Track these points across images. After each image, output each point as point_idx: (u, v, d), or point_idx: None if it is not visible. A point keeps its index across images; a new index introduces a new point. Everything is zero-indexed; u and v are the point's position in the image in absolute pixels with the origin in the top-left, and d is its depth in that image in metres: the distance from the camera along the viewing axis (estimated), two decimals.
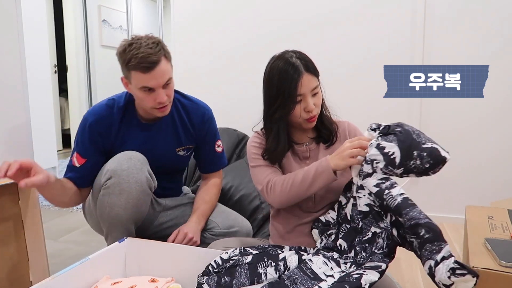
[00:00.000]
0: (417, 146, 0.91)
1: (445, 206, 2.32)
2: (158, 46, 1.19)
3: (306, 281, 0.89)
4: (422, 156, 0.90)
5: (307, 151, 1.19)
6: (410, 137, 0.92)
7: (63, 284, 0.95)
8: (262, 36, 2.51)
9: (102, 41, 4.16)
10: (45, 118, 3.07)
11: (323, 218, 1.12)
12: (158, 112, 1.26)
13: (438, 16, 2.23)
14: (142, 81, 1.19)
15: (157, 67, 1.18)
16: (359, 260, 0.94)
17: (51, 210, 2.64)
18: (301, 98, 1.10)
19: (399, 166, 0.92)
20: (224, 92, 2.61)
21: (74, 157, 1.30)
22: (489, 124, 2.21)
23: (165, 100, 1.23)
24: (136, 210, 1.21)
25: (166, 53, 1.23)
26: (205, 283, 0.96)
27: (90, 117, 1.31)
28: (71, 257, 1.83)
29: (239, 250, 1.04)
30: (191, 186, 1.81)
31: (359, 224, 0.97)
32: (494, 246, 1.00)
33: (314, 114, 1.12)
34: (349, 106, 2.39)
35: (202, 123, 1.42)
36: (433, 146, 0.92)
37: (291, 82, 1.08)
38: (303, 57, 1.12)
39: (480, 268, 0.90)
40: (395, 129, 0.94)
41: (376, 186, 0.91)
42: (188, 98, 1.44)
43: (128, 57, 1.17)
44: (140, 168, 1.19)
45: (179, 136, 1.40)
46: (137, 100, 1.30)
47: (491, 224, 1.21)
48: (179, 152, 1.42)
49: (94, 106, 1.37)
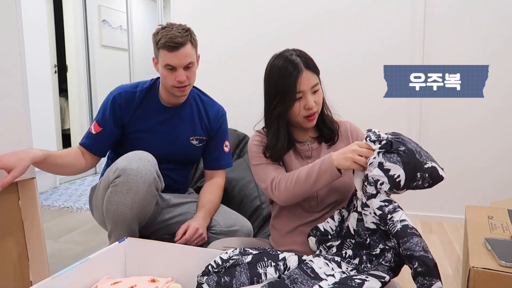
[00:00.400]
0: (420, 167, 0.90)
1: (445, 206, 2.32)
2: (187, 32, 1.32)
3: (307, 281, 0.89)
4: (424, 177, 0.90)
5: (309, 150, 1.20)
6: (414, 157, 0.91)
7: (63, 284, 0.95)
8: (262, 36, 2.51)
9: (102, 41, 4.15)
10: (45, 118, 3.08)
11: (322, 227, 1.09)
12: (178, 91, 1.36)
13: (438, 16, 2.23)
14: (166, 59, 1.31)
15: (182, 48, 1.30)
16: (362, 269, 0.94)
17: (51, 210, 2.64)
18: (301, 95, 1.11)
19: (403, 188, 0.91)
20: (224, 92, 2.61)
21: (92, 126, 1.42)
22: (489, 124, 2.21)
23: (185, 80, 1.33)
24: (141, 210, 1.22)
25: (193, 40, 1.36)
26: (204, 283, 0.96)
27: (115, 91, 1.44)
28: (71, 257, 1.83)
29: (239, 250, 1.04)
30: (191, 186, 1.81)
31: (366, 240, 0.96)
32: (494, 246, 1.00)
33: (314, 111, 1.12)
34: (349, 106, 2.39)
35: (216, 118, 1.52)
36: (433, 165, 0.91)
37: (290, 79, 1.09)
38: (303, 55, 1.13)
39: (480, 268, 0.90)
40: (398, 148, 0.91)
41: (379, 209, 0.90)
42: (207, 95, 1.56)
43: (159, 37, 1.31)
44: (149, 169, 1.21)
45: (195, 125, 1.48)
46: (161, 79, 1.40)
47: (491, 224, 1.21)
48: (192, 141, 1.48)
49: (121, 84, 1.49)
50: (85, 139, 1.42)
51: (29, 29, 2.29)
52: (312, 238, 1.09)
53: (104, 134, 1.41)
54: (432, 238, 2.07)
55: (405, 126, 2.35)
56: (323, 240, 1.07)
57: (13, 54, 1.29)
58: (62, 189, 3.19)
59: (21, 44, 1.31)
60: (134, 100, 1.43)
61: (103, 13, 4.20)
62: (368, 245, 0.95)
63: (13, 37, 1.29)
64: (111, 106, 1.41)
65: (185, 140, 1.47)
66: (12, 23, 1.28)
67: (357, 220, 0.99)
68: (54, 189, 3.20)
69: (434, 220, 2.33)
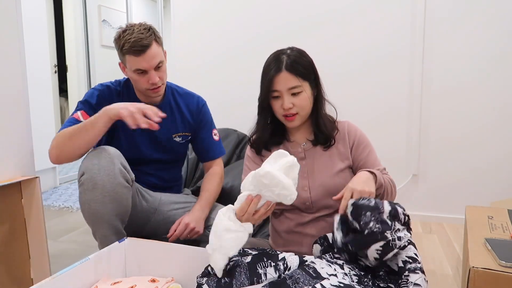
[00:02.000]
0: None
1: (445, 206, 2.32)
2: (149, 32, 1.29)
3: (309, 281, 0.88)
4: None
5: (302, 151, 1.20)
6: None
7: (63, 284, 0.95)
8: (262, 36, 2.51)
9: (102, 41, 4.16)
10: (45, 118, 3.07)
11: (330, 238, 1.07)
12: (152, 93, 1.35)
13: (438, 17, 2.23)
14: (135, 64, 1.28)
15: (148, 50, 1.27)
16: (363, 278, 0.93)
17: (51, 210, 2.64)
18: (278, 94, 1.13)
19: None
20: (224, 92, 2.61)
21: (78, 114, 1.32)
22: (489, 124, 2.21)
23: (157, 81, 1.31)
24: (116, 204, 1.20)
25: (157, 38, 1.32)
26: (205, 283, 0.96)
27: (100, 86, 1.40)
28: (71, 257, 1.83)
29: (239, 250, 1.04)
30: (191, 187, 1.81)
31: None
32: (494, 246, 1.00)
33: (292, 112, 1.13)
34: (349, 106, 2.40)
35: (198, 109, 1.51)
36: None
37: (268, 76, 1.12)
38: (294, 55, 1.13)
39: (480, 268, 0.90)
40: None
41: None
42: (183, 88, 1.54)
43: (122, 42, 1.27)
44: (110, 161, 1.19)
45: (176, 122, 1.46)
46: (133, 83, 1.38)
47: (491, 224, 1.21)
48: (175, 138, 1.47)
49: (100, 83, 1.44)
50: (72, 124, 1.28)
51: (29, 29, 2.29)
52: (318, 246, 1.08)
53: None
54: (432, 238, 2.07)
55: (405, 126, 2.35)
56: (329, 250, 1.06)
57: (13, 54, 1.29)
58: (62, 189, 3.19)
59: (21, 44, 1.32)
60: (113, 98, 1.39)
61: (103, 13, 4.20)
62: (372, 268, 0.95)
63: (13, 37, 1.29)
64: (97, 99, 1.36)
65: (169, 138, 1.46)
66: (12, 23, 1.28)
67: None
68: (54, 189, 3.20)
69: (434, 220, 2.33)
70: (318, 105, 1.19)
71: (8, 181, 1.25)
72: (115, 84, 1.44)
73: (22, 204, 1.34)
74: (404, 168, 2.37)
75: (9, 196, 1.30)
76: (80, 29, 3.91)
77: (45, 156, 1.26)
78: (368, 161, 1.17)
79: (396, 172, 2.40)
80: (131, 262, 1.18)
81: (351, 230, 0.96)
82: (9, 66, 1.28)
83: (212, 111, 1.59)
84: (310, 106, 1.16)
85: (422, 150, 2.32)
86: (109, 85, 1.42)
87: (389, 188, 1.11)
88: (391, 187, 1.13)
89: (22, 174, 1.34)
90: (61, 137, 1.22)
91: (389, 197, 1.11)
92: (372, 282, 0.92)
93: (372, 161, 1.18)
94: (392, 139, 2.37)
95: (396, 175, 2.41)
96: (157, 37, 1.32)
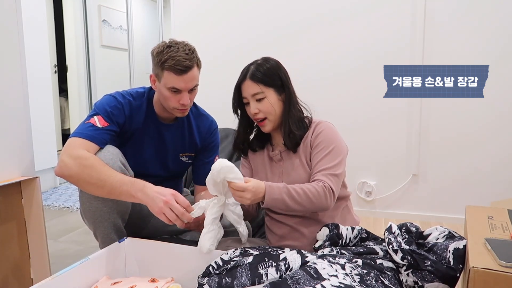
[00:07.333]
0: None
1: (445, 206, 2.32)
2: (193, 54, 1.28)
3: (309, 281, 0.89)
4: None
5: (279, 153, 1.26)
6: (442, 266, 1.00)
7: (63, 284, 0.95)
8: (262, 36, 2.51)
9: (102, 41, 4.15)
10: (45, 118, 3.07)
11: (340, 229, 1.11)
12: (179, 112, 1.33)
13: (438, 17, 2.23)
14: (172, 82, 1.25)
15: (190, 72, 1.25)
16: (366, 277, 0.94)
17: (51, 210, 2.64)
18: (247, 101, 1.23)
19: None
20: (224, 92, 2.60)
21: (95, 119, 1.26)
22: (489, 124, 2.21)
23: (188, 103, 1.30)
24: (116, 201, 1.20)
25: (198, 61, 1.32)
26: (206, 284, 0.96)
27: (121, 98, 1.34)
28: (71, 257, 1.83)
29: (240, 250, 1.04)
30: (191, 187, 1.81)
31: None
32: (494, 246, 1.00)
33: (259, 117, 1.21)
34: (349, 106, 2.40)
35: (209, 132, 1.49)
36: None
37: (236, 84, 1.26)
38: (258, 64, 1.23)
39: (480, 268, 0.90)
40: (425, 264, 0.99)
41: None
42: (198, 108, 1.51)
43: (165, 57, 1.23)
44: (110, 158, 1.19)
45: (185, 141, 1.45)
46: (161, 98, 1.34)
47: (491, 224, 1.21)
48: (181, 158, 1.45)
49: (119, 91, 1.38)
50: (92, 132, 1.23)
51: (29, 29, 2.29)
52: (326, 230, 1.11)
53: (109, 129, 1.27)
54: None
55: (405, 126, 2.35)
56: (337, 243, 1.09)
57: (13, 54, 1.29)
58: (62, 189, 3.19)
59: (21, 44, 1.32)
60: (132, 109, 1.35)
61: (103, 13, 4.20)
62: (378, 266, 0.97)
63: (13, 37, 1.29)
64: (115, 106, 1.30)
65: (175, 157, 1.44)
66: (12, 23, 1.28)
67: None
68: (54, 189, 3.20)
69: (434, 220, 2.33)
70: (287, 109, 1.23)
71: (8, 181, 1.25)
72: (136, 96, 1.38)
73: (22, 204, 1.34)
74: (404, 168, 2.37)
75: (9, 196, 1.30)
76: (80, 29, 3.90)
77: (45, 156, 1.26)
78: (317, 163, 1.17)
79: (396, 172, 2.40)
80: (131, 262, 1.18)
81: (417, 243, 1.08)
82: (9, 66, 1.28)
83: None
84: (278, 111, 1.22)
85: (422, 150, 2.32)
86: (130, 100, 1.35)
87: (298, 199, 1.08)
88: (304, 197, 1.09)
89: (22, 174, 1.34)
90: (84, 171, 1.14)
91: (304, 206, 1.09)
92: (376, 280, 0.92)
93: (320, 163, 1.16)
94: (392, 139, 2.37)
95: (396, 175, 2.41)
96: (199, 60, 1.31)
